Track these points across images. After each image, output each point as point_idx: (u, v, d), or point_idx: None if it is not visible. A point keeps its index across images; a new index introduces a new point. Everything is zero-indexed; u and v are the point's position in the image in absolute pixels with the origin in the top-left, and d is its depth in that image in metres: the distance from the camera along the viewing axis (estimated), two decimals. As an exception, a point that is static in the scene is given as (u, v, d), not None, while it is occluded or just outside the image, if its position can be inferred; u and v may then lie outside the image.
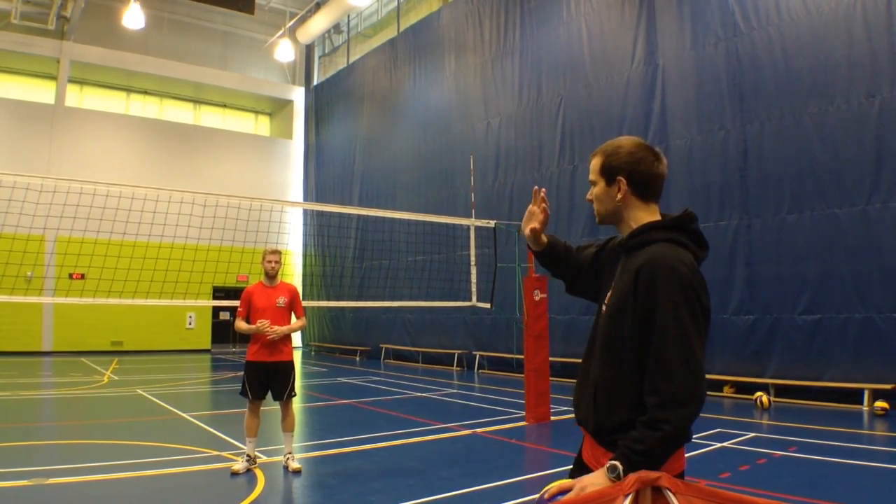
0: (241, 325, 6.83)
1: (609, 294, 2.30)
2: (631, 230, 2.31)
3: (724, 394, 12.16)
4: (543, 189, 2.67)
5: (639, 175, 2.28)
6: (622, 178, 2.29)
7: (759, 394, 10.95)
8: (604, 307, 2.32)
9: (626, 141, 2.33)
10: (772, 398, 11.12)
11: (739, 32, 12.52)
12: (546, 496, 2.05)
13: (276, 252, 6.99)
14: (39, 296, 20.43)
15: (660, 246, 2.18)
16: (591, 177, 2.40)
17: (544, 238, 2.63)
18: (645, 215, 2.31)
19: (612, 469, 2.00)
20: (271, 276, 6.90)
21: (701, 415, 2.05)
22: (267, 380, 6.78)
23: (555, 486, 2.07)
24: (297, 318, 7.01)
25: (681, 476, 2.12)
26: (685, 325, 2.04)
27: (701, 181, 12.93)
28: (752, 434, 8.54)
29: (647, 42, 14.16)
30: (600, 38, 15.25)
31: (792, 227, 11.57)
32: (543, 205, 2.58)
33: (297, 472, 6.61)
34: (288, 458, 6.77)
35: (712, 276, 12.47)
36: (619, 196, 2.30)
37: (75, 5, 22.46)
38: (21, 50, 23.54)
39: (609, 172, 2.32)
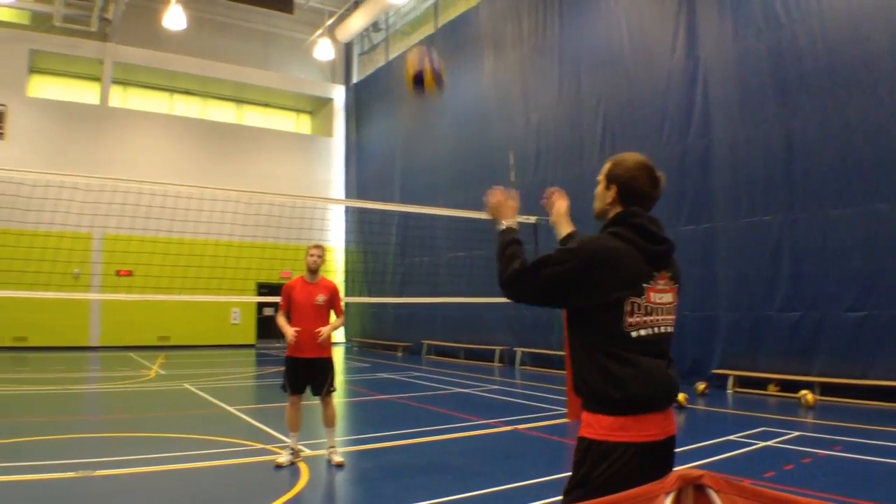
0: (280, 321, 6.91)
1: None
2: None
3: (769, 392, 11.95)
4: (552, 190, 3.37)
5: (629, 190, 2.61)
6: (615, 187, 2.64)
7: (803, 392, 10.74)
8: None
9: (632, 158, 2.66)
10: (817, 396, 10.89)
11: (781, 24, 12.26)
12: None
13: (319, 247, 7.05)
14: (87, 292, 20.95)
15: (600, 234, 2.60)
16: (599, 177, 2.74)
17: (566, 227, 3.30)
18: None
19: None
20: (312, 270, 6.94)
21: (745, 413, 2.05)
22: (306, 375, 6.85)
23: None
24: (336, 316, 7.07)
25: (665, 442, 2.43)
26: (549, 260, 2.54)
27: (744, 176, 12.71)
28: (797, 433, 8.39)
29: (688, 35, 13.96)
30: (640, 31, 15.08)
31: (837, 222, 11.31)
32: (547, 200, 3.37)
33: (340, 466, 6.67)
34: (331, 453, 6.84)
35: (757, 273, 12.30)
36: (609, 200, 2.66)
37: (116, 7, 22.90)
38: (65, 52, 24.10)
39: (609, 178, 2.68)
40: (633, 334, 2.43)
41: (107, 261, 20.89)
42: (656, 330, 2.49)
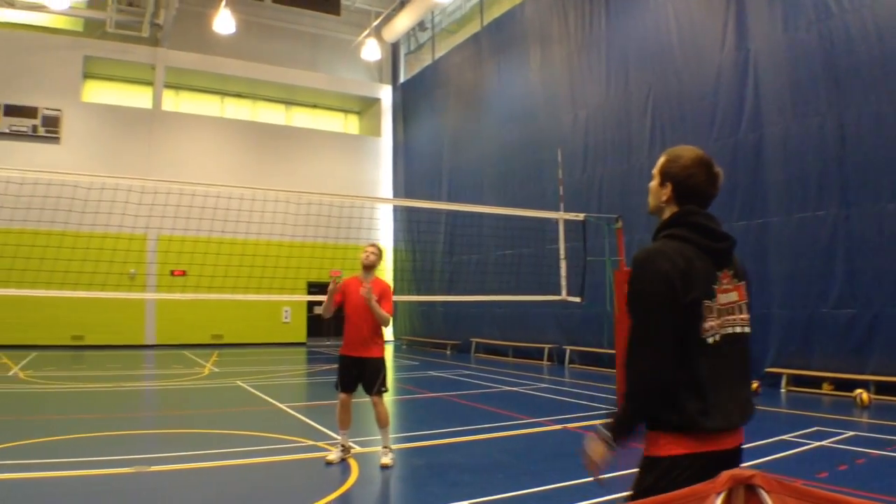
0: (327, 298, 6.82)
1: None
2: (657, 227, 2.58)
3: (823, 391, 11.68)
4: None
5: (685, 188, 2.50)
6: (670, 185, 2.52)
7: (858, 391, 10.48)
8: None
9: (688, 154, 2.54)
10: (872, 395, 10.61)
11: (832, 14, 11.95)
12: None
13: (375, 245, 7.27)
14: (142, 292, 21.47)
15: (656, 242, 2.48)
16: (654, 171, 2.62)
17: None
18: None
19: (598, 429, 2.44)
20: (366, 266, 7.04)
21: (798, 412, 2.03)
22: (357, 374, 6.90)
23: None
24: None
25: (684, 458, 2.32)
26: (640, 310, 2.36)
27: (797, 170, 12.42)
28: (851, 433, 8.19)
29: (738, 27, 13.70)
30: (689, 24, 14.85)
31: (892, 216, 10.95)
32: None
33: (384, 467, 6.64)
34: (382, 453, 6.84)
35: (809, 270, 12.01)
36: (664, 198, 2.55)
37: (167, 13, 23.41)
38: (118, 57, 24.77)
39: (664, 175, 2.56)
40: (710, 340, 2.33)
41: (161, 261, 21.38)
42: (730, 331, 2.40)
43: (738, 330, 2.44)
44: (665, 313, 2.30)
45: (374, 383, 6.85)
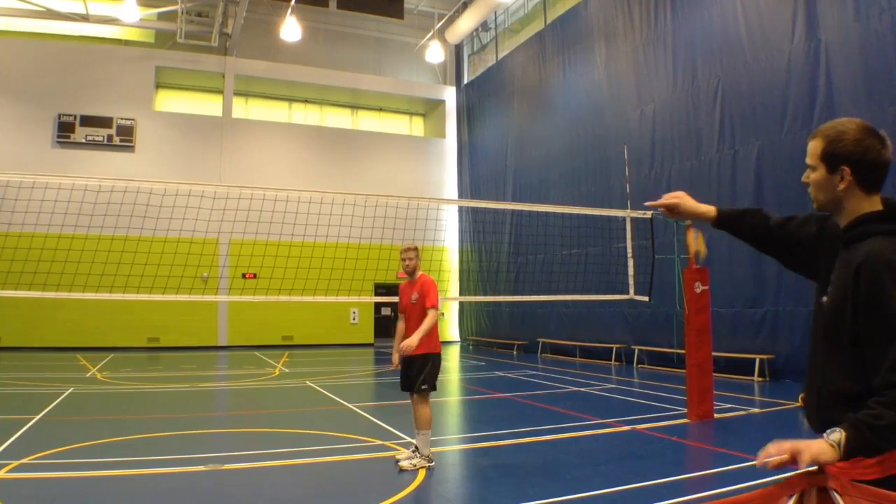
0: (397, 332, 7.05)
1: (829, 289, 2.22)
2: (849, 221, 2.21)
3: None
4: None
5: (865, 165, 2.14)
6: (846, 168, 2.15)
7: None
8: (823, 300, 2.24)
9: (850, 125, 2.17)
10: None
11: (906, 1, 11.48)
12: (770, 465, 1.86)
13: (409, 249, 6.92)
14: (215, 295, 22.07)
15: (878, 240, 2.09)
16: (810, 161, 2.26)
17: (709, 212, 2.63)
18: (866, 206, 2.19)
19: (833, 432, 1.87)
20: (408, 272, 6.97)
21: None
22: (406, 373, 6.85)
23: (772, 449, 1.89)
24: (426, 307, 6.70)
25: None
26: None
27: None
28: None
29: (808, 17, 13.26)
30: (757, 15, 14.44)
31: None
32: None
33: (401, 471, 6.45)
34: (406, 456, 6.68)
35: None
36: (842, 186, 2.17)
37: (235, 22, 24.03)
38: (189, 67, 25.59)
39: (832, 160, 2.18)
40: None
41: (233, 264, 21.92)
42: None
43: None
44: None
45: (415, 381, 6.68)
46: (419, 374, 6.65)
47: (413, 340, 6.40)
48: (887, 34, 11.76)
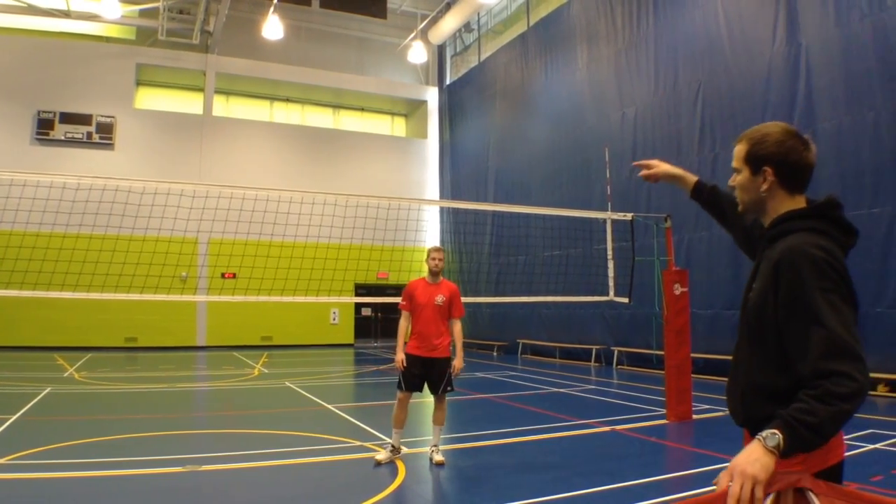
0: (399, 338, 7.04)
1: (753, 285, 2.26)
2: (772, 220, 2.26)
3: (878, 393, 11.33)
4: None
5: (787, 166, 2.20)
6: (769, 169, 2.21)
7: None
8: (749, 297, 2.27)
9: (773, 128, 2.24)
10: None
11: (886, 6, 11.61)
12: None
13: (441, 250, 7.22)
14: (194, 295, 21.92)
15: (798, 236, 2.12)
16: (735, 164, 2.33)
17: (688, 178, 2.88)
18: (790, 206, 2.24)
19: (771, 438, 1.82)
20: (435, 273, 7.08)
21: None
22: (423, 374, 6.93)
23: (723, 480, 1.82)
24: (454, 317, 7.06)
25: (840, 466, 2.08)
26: (841, 309, 1.97)
27: (852, 166, 12.08)
28: (911, 436, 7.95)
29: (789, 21, 13.39)
30: (738, 19, 14.57)
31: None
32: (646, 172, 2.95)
33: (440, 465, 6.73)
34: (433, 451, 6.92)
35: (864, 268, 11.64)
36: (765, 187, 2.23)
37: (217, 20, 23.89)
38: (169, 64, 25.39)
39: (755, 161, 2.24)
40: None
41: (212, 264, 21.77)
42: None
43: None
44: (856, 315, 2.04)
45: (441, 383, 6.91)
46: (444, 376, 6.93)
47: (461, 363, 6.99)
48: (867, 39, 11.91)
